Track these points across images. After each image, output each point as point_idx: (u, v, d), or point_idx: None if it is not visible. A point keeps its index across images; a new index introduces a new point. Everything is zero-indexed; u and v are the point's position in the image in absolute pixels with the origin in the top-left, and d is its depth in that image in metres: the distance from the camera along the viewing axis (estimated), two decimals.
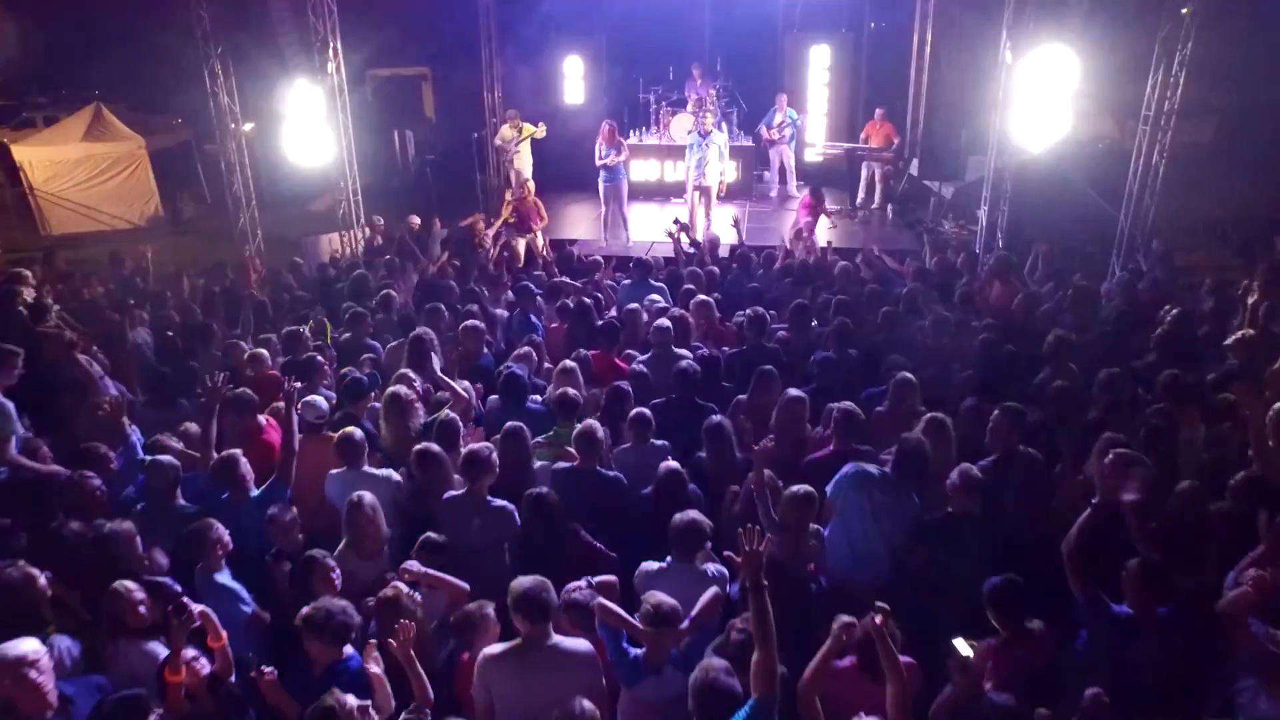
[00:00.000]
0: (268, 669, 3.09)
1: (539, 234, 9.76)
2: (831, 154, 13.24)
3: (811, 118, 13.82)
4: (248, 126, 10.22)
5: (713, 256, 7.73)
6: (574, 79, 14.14)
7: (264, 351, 5.44)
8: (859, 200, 12.15)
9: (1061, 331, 5.52)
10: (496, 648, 2.99)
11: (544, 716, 2.62)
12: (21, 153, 16.82)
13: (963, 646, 3.30)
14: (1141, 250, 8.44)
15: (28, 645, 2.70)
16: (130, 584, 3.11)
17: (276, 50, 9.76)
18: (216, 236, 13.61)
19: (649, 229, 10.81)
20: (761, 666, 2.72)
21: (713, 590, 3.19)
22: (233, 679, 3.16)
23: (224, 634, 3.05)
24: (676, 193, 12.13)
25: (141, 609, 3.07)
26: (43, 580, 3.16)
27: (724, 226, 9.25)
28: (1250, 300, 6.37)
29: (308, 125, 9.14)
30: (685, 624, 3.02)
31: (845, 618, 2.90)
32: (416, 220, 9.49)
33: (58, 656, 2.93)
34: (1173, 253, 8.11)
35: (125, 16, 29.60)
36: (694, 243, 8.22)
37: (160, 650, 2.98)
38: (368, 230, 10.04)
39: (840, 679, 3.03)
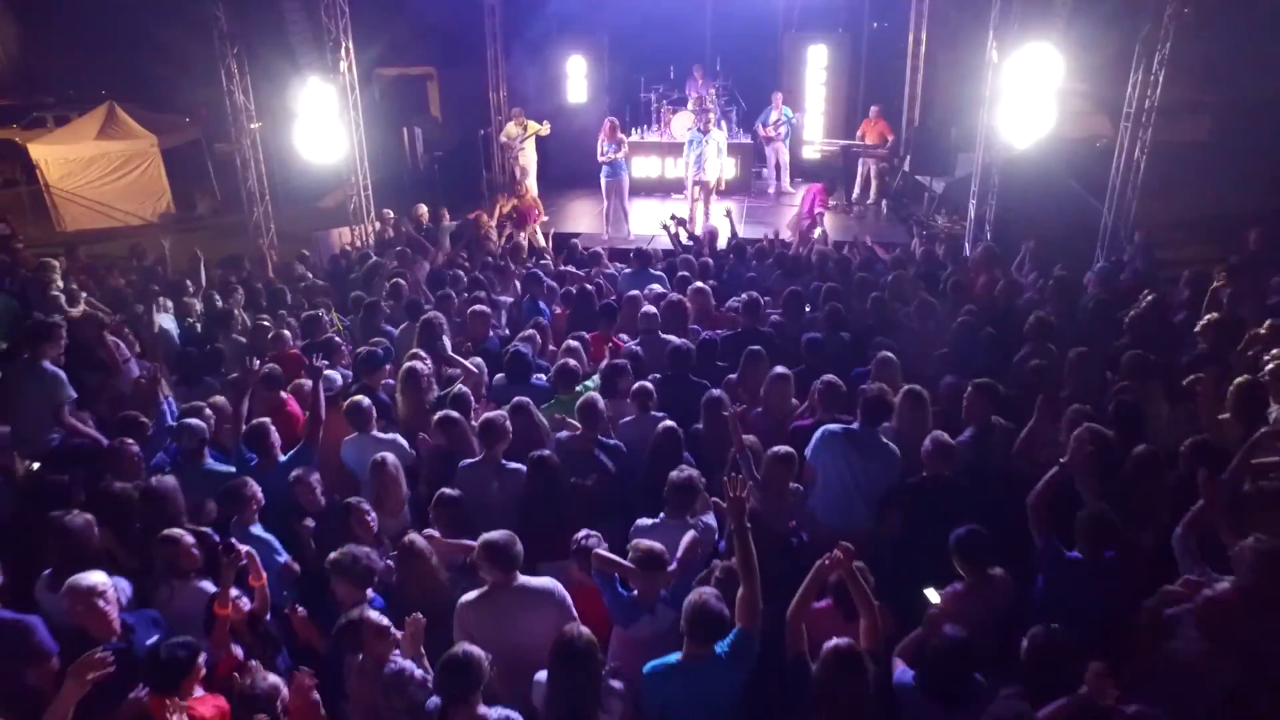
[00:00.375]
0: (300, 609, 3.44)
1: (537, 228, 10.13)
2: (829, 151, 13.57)
3: (809, 115, 14.17)
4: (254, 126, 10.51)
5: (711, 248, 8.06)
6: (577, 78, 14.48)
7: (287, 332, 5.80)
8: (855, 195, 12.48)
9: (1042, 314, 5.84)
10: (470, 595, 3.29)
11: (520, 649, 2.92)
12: (38, 151, 17.20)
13: (932, 595, 3.64)
14: (1126, 243, 8.74)
15: (97, 577, 3.05)
16: (181, 531, 3.45)
17: (288, 50, 10.07)
18: (228, 232, 13.95)
19: (650, 223, 11.15)
20: (746, 600, 3.05)
21: (691, 534, 3.51)
22: (268, 618, 3.50)
23: (264, 574, 3.39)
24: (677, 189, 12.47)
25: (194, 551, 3.41)
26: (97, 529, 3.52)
27: (720, 219, 9.56)
28: (1216, 286, 6.72)
29: (320, 123, 9.47)
30: (672, 566, 3.34)
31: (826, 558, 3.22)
32: (424, 210, 9.84)
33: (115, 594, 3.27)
34: (1154, 245, 8.41)
35: (137, 17, 30.02)
36: (692, 236, 8.55)
37: (209, 588, 3.32)
38: (377, 224, 10.38)
39: (818, 618, 3.35)
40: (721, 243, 8.74)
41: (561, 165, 13.49)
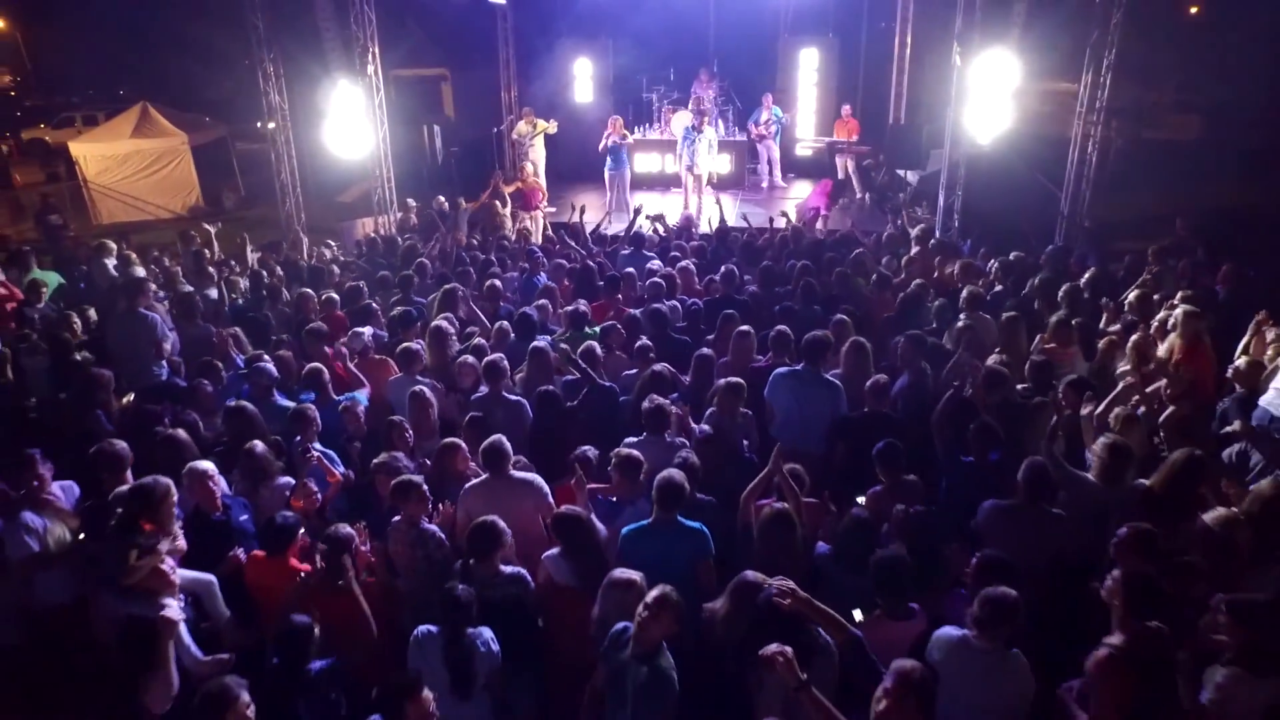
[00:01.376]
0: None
1: (541, 215, 11.09)
2: (817, 148, 14.48)
3: (802, 114, 15.06)
4: (271, 126, 11.38)
5: (688, 235, 9.00)
6: (583, 79, 15.43)
7: (336, 296, 6.78)
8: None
9: (974, 288, 6.74)
10: (473, 482, 4.23)
11: (507, 522, 3.80)
12: (77, 149, 18.26)
13: (862, 499, 4.54)
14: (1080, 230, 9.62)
15: (208, 464, 4.00)
16: (263, 445, 4.39)
17: (319, 54, 11.02)
18: (252, 224, 14.94)
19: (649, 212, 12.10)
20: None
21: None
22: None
23: (336, 472, 4.33)
24: (676, 182, 13.38)
25: (271, 457, 4.35)
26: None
27: (712, 207, 10.46)
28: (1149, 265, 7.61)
29: (349, 120, 10.43)
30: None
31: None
32: (443, 200, 10.81)
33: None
34: (1101, 232, 9.28)
35: (161, 20, 31.18)
36: (667, 229, 9.44)
37: (290, 483, 4.27)
38: (399, 212, 11.35)
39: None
40: (705, 226, 9.68)
41: (568, 161, 14.45)
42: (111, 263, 8.52)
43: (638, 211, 9.64)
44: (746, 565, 3.56)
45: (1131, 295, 6.91)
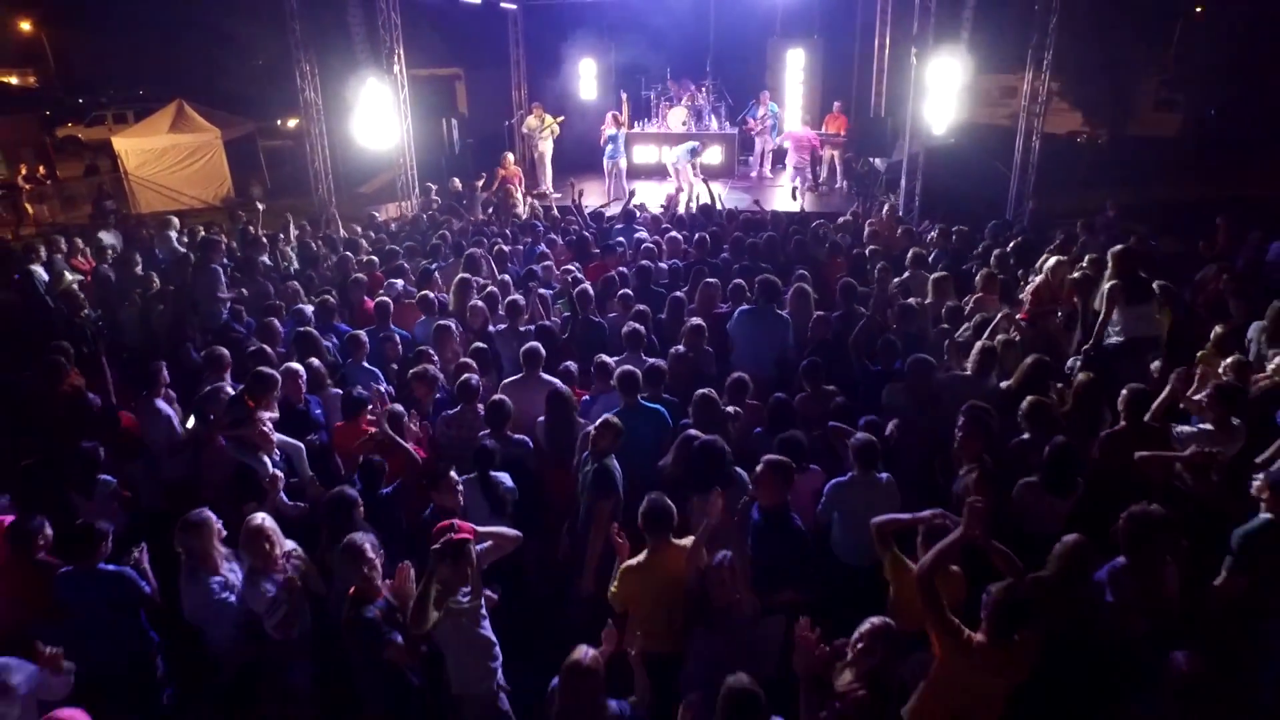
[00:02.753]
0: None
1: (516, 191, 12.43)
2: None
3: (790, 110, 16.28)
4: (293, 123, 12.58)
5: (672, 214, 10.28)
6: (588, 78, 16.75)
7: (375, 259, 8.09)
8: (823, 178, 14.60)
9: (918, 249, 7.97)
10: (511, 379, 5.48)
11: (533, 409, 5.00)
12: (120, 143, 19.64)
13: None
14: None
15: (298, 366, 5.28)
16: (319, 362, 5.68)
17: (350, 55, 12.31)
18: (279, 213, 16.27)
19: (640, 196, 13.38)
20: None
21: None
22: None
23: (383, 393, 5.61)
24: (659, 173, 14.68)
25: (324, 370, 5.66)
26: None
27: (702, 189, 11.68)
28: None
29: (377, 114, 11.73)
30: None
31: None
32: (457, 182, 12.13)
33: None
34: (1041, 210, 10.47)
35: (194, 26, 32.66)
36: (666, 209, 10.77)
37: (338, 393, 5.55)
38: (420, 197, 12.67)
39: None
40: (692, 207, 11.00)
41: (573, 153, 15.75)
42: (174, 234, 9.88)
43: (632, 193, 10.91)
44: None
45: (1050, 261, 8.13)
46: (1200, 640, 3.52)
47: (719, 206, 10.29)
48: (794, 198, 13.20)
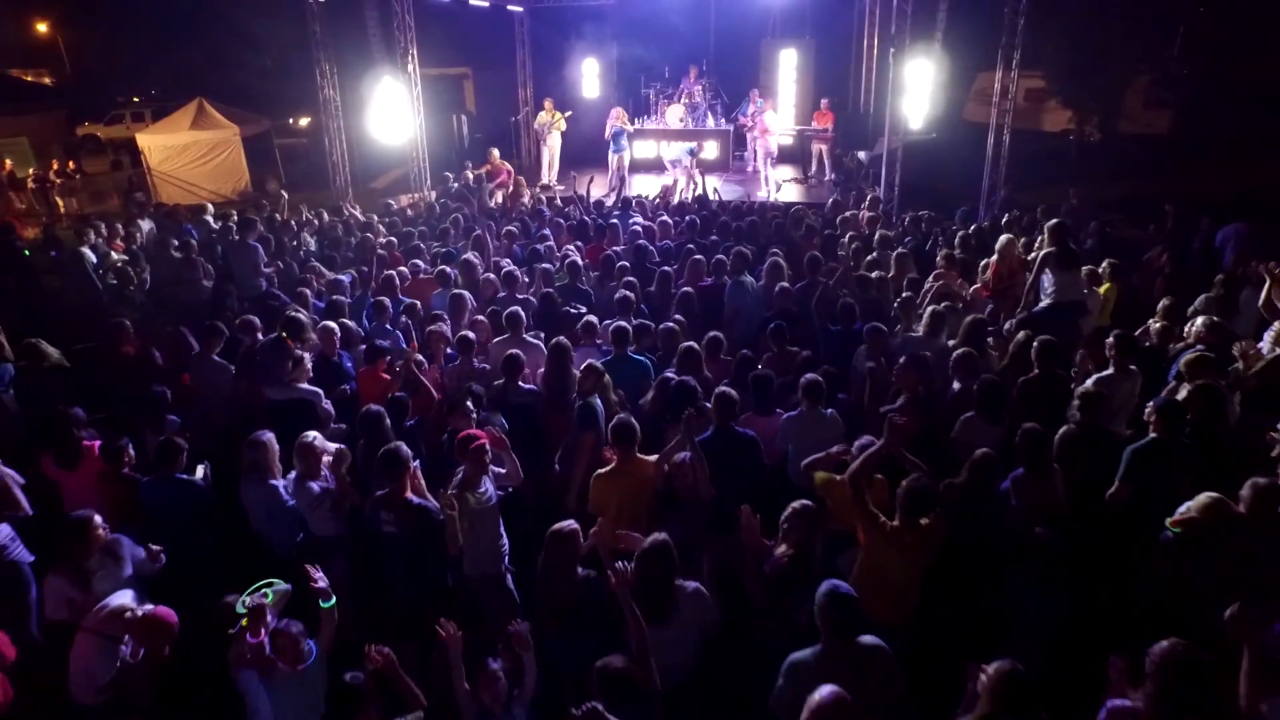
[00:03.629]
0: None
1: (510, 184, 13.23)
2: (794, 134, 16.53)
3: (783, 107, 17.07)
4: (304, 121, 13.27)
5: (666, 203, 11.10)
6: (590, 77, 17.58)
7: (395, 239, 8.93)
8: (813, 171, 15.40)
9: (886, 232, 8.76)
10: (500, 338, 6.29)
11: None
12: (144, 140, 20.52)
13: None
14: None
15: (334, 324, 6.10)
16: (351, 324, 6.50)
17: (368, 56, 13.14)
18: (296, 206, 17.16)
19: (639, 187, 14.21)
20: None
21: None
22: None
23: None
24: (659, 167, 15.48)
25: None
26: None
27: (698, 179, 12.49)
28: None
29: (392, 111, 12.55)
30: None
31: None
32: (469, 174, 12.98)
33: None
34: (1013, 196, 11.23)
35: (207, 27, 33.58)
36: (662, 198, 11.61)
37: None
38: (433, 188, 13.51)
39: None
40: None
41: (578, 147, 16.58)
42: (209, 219, 10.74)
43: (622, 180, 11.72)
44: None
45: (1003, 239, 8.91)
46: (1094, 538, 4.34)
47: (714, 199, 11.10)
48: (765, 184, 13.99)
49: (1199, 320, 6.34)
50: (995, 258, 7.57)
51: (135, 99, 40.84)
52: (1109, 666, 3.15)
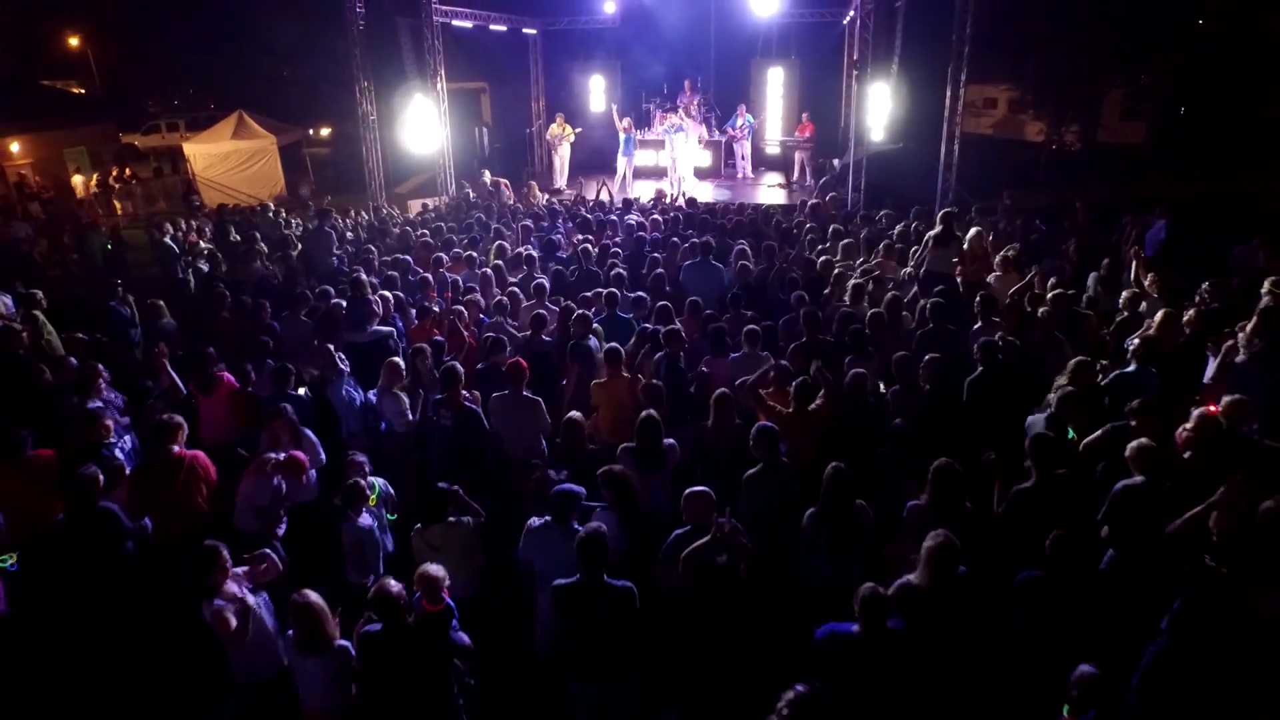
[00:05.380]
0: None
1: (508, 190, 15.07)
2: (782, 145, 18.35)
3: (770, 119, 18.89)
4: (325, 132, 14.90)
5: (658, 205, 12.90)
6: (597, 92, 19.44)
7: (428, 233, 10.76)
8: (795, 177, 17.19)
9: (837, 225, 10.52)
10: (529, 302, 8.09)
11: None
12: (189, 149, 22.53)
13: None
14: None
15: (389, 293, 7.91)
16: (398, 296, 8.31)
17: (401, 75, 15.03)
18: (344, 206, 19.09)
19: (638, 191, 16.04)
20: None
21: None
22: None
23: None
24: (659, 174, 17.33)
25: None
26: None
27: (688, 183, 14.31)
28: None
29: (422, 124, 14.42)
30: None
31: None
32: (487, 176, 14.84)
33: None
34: (964, 197, 12.96)
35: (231, 39, 35.63)
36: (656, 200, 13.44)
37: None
38: (457, 192, 15.37)
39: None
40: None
41: (584, 156, 18.43)
42: (271, 214, 12.64)
43: (604, 182, 13.57)
44: None
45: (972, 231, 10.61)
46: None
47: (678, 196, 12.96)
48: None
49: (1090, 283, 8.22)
50: (965, 248, 9.24)
51: (175, 103, 43.07)
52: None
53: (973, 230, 9.64)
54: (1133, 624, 3.99)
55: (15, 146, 20.35)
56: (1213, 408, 5.29)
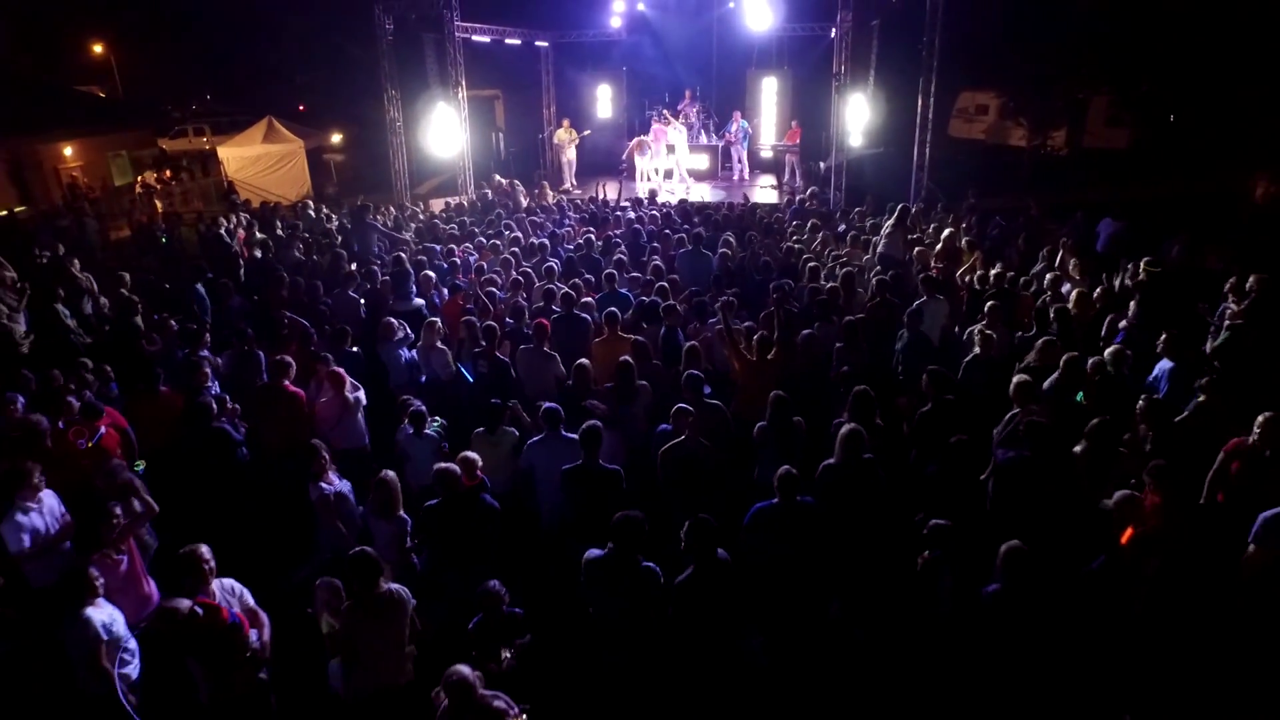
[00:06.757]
0: None
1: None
2: (774, 149, 19.77)
3: (764, 125, 20.31)
4: (336, 138, 16.20)
5: (651, 203, 14.34)
6: (604, 100, 20.94)
7: (455, 226, 12.22)
8: (786, 179, 18.58)
9: (815, 220, 11.92)
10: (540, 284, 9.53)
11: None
12: (223, 152, 24.03)
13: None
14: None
15: (427, 272, 9.36)
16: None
17: (424, 84, 16.52)
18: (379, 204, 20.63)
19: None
20: None
21: None
22: None
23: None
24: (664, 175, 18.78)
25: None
26: None
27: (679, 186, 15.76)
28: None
29: (444, 129, 15.90)
30: None
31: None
32: (498, 179, 16.31)
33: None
34: (934, 196, 14.34)
35: (249, 48, 37.20)
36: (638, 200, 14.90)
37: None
38: (476, 191, 16.84)
39: None
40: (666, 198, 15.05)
41: (591, 160, 19.91)
42: (311, 211, 14.14)
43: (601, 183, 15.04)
44: None
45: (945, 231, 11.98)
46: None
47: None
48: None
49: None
50: (939, 246, 10.58)
51: (193, 106, 44.62)
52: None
53: (946, 232, 11.02)
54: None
55: (69, 150, 21.90)
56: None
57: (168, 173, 24.16)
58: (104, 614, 4.03)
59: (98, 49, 48.15)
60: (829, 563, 5.06)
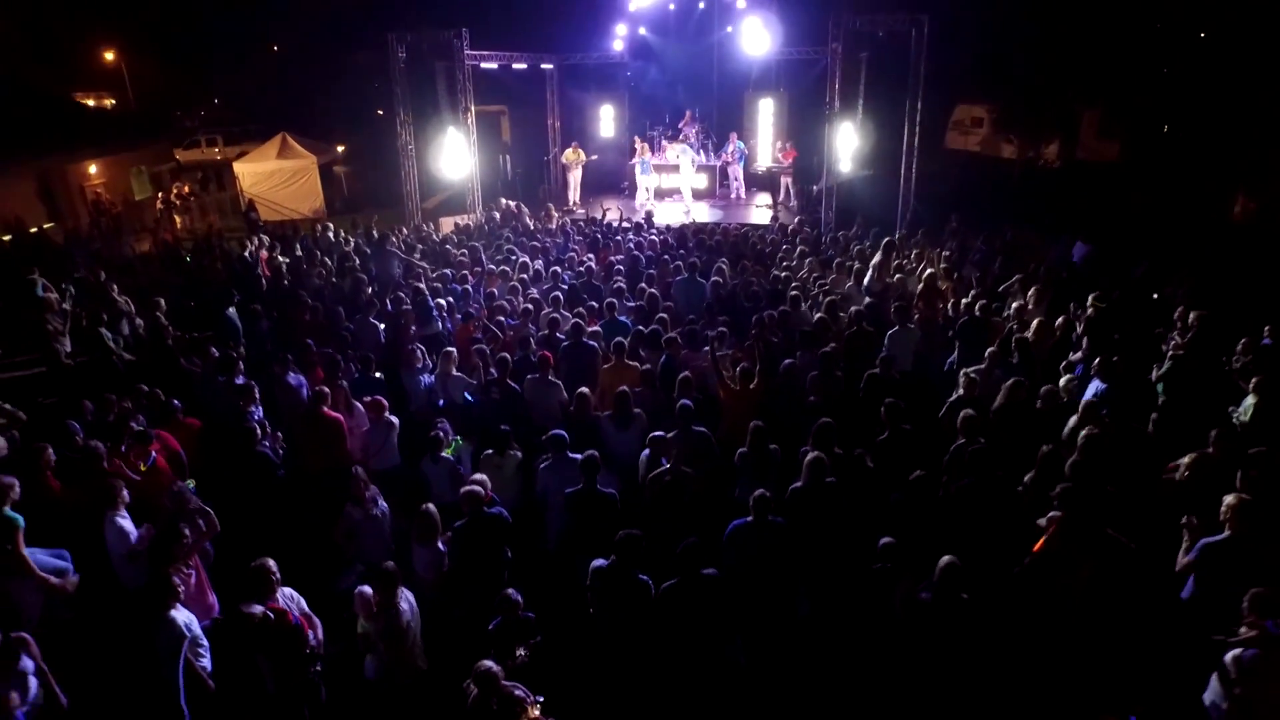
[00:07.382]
0: None
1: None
2: (768, 169, 20.55)
3: (761, 146, 21.09)
4: (341, 148, 16.85)
5: (649, 224, 15.13)
6: (607, 120, 21.75)
7: (466, 252, 13.01)
8: (781, 198, 19.36)
9: (804, 247, 12.70)
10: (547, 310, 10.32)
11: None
12: (238, 168, 24.86)
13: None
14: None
15: (442, 300, 10.17)
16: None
17: (435, 107, 17.33)
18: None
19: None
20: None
21: None
22: None
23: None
24: (669, 194, 19.56)
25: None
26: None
27: (681, 211, 16.57)
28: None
29: (454, 151, 16.70)
30: None
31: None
32: (504, 201, 17.11)
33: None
34: (919, 218, 15.10)
35: (259, 60, 37.96)
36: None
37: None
38: (481, 212, 17.65)
39: None
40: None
41: (596, 178, 20.72)
42: (330, 233, 14.96)
43: (606, 210, 15.83)
44: None
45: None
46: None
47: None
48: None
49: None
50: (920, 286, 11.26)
51: (201, 113, 45.34)
52: None
53: (928, 273, 11.71)
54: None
55: (93, 168, 22.74)
56: None
57: (186, 188, 24.98)
58: (184, 615, 4.81)
59: (109, 55, 48.88)
60: (797, 572, 5.84)
